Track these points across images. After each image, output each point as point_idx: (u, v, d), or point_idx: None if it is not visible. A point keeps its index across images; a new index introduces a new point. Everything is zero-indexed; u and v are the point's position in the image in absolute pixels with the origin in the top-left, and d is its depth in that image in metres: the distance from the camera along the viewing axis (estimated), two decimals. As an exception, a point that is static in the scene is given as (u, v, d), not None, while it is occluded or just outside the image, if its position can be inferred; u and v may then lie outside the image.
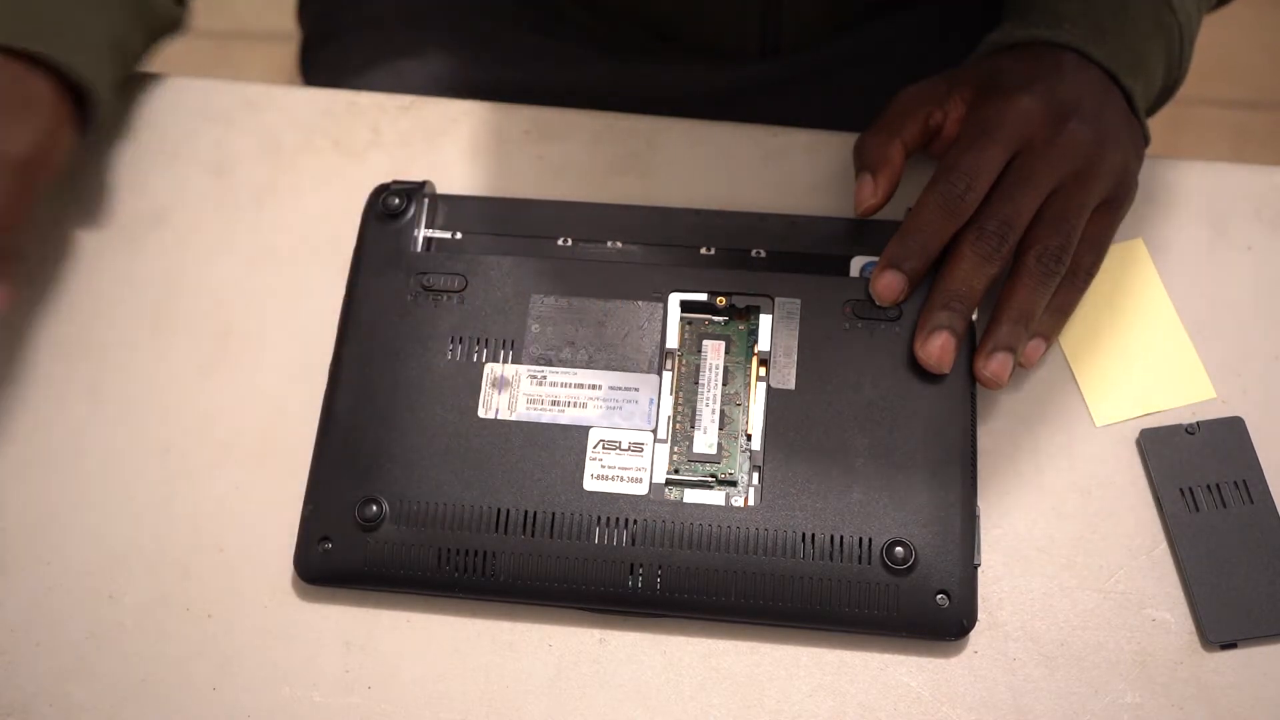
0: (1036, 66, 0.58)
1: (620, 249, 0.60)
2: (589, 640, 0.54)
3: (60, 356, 0.61)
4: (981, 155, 0.55)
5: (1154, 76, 0.60)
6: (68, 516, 0.58)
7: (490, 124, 0.66)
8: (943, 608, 0.52)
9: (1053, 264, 0.54)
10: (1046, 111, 0.56)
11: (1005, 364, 0.54)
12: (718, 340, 0.57)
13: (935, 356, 0.54)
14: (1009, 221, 0.54)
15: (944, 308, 0.54)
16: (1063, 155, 0.55)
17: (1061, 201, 0.55)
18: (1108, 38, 0.58)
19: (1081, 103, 0.56)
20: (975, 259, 0.54)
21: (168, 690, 0.54)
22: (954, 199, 0.55)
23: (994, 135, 0.55)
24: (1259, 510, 0.55)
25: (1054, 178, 0.55)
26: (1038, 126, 0.56)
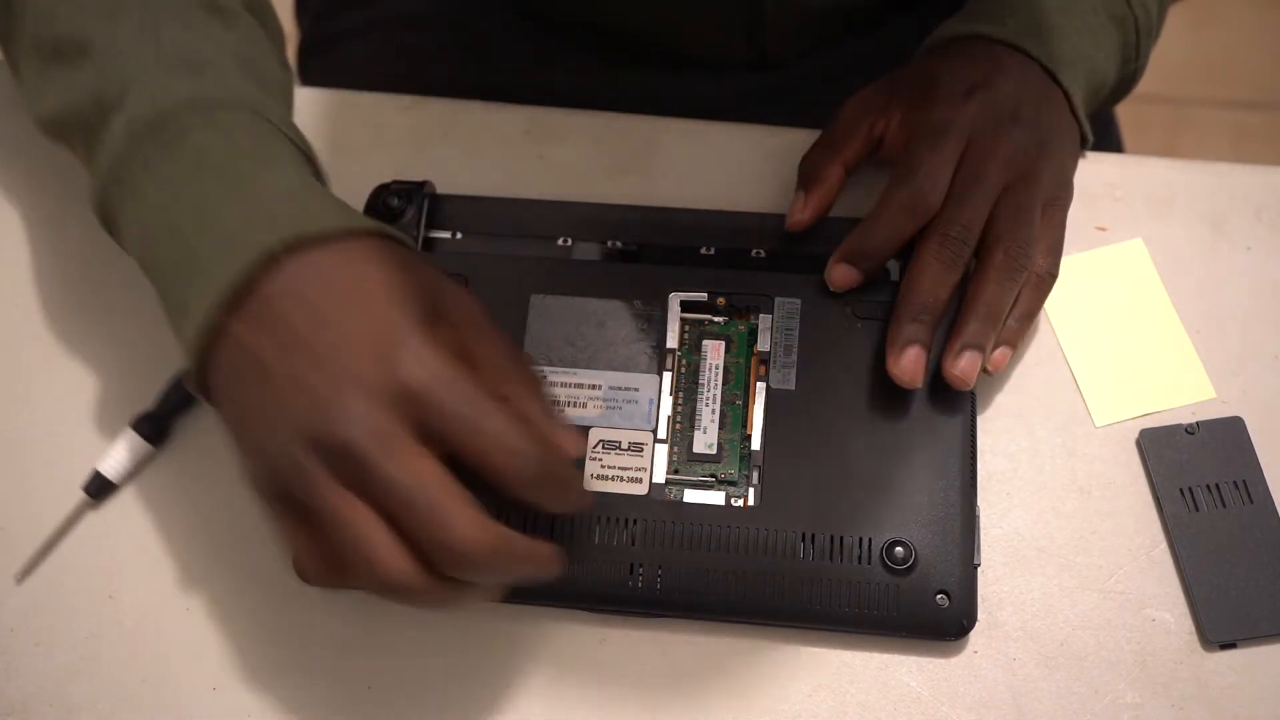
0: (977, 67, 0.58)
1: (620, 249, 0.60)
2: (589, 640, 0.54)
3: (60, 356, 0.61)
4: (938, 156, 0.55)
5: (1102, 73, 0.60)
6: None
7: (490, 124, 0.66)
8: (943, 608, 0.52)
9: (1021, 258, 0.54)
10: (988, 114, 0.56)
11: (974, 362, 0.54)
12: (718, 340, 0.57)
13: (909, 372, 0.54)
14: (969, 225, 0.54)
15: (913, 320, 0.54)
16: (1008, 158, 0.55)
17: (1014, 200, 0.55)
18: (1049, 35, 0.58)
19: (1021, 106, 0.57)
20: (940, 267, 0.54)
21: (168, 690, 0.54)
22: (918, 200, 0.55)
23: (947, 136, 0.55)
24: (1259, 510, 0.55)
25: (1002, 180, 0.55)
26: (981, 129, 0.56)
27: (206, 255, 0.47)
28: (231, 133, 0.50)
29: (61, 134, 0.54)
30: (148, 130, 0.49)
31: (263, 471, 0.45)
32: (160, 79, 0.51)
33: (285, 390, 0.44)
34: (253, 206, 0.47)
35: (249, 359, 0.45)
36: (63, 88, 0.53)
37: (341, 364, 0.43)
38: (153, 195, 0.49)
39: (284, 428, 0.43)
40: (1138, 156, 0.64)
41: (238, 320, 0.45)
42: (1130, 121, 0.89)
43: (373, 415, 0.42)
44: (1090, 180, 0.63)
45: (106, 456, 0.58)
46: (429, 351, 0.44)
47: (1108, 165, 0.64)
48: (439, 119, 0.66)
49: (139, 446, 0.58)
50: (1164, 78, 1.47)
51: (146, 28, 0.53)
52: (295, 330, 0.45)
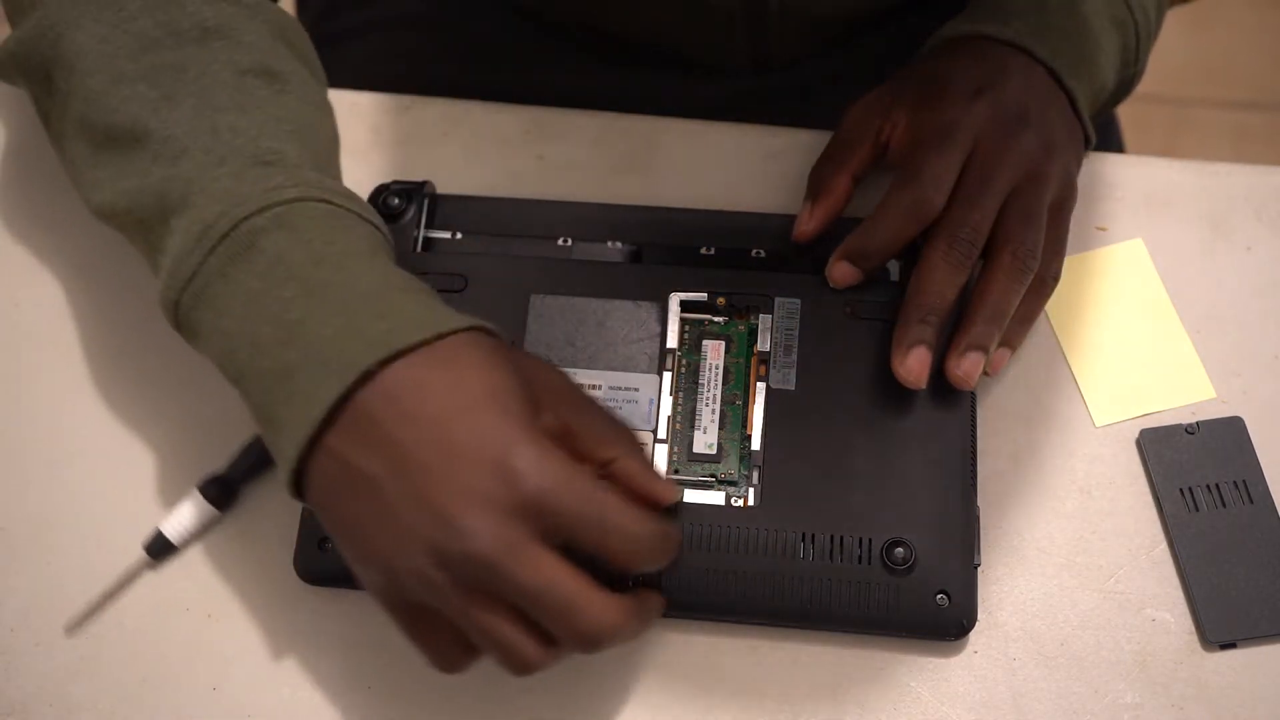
0: (982, 68, 0.57)
1: (620, 248, 0.60)
2: (589, 640, 0.54)
3: (60, 356, 0.61)
4: (944, 159, 0.55)
5: (1104, 75, 0.60)
6: (68, 516, 0.58)
7: (490, 124, 0.66)
8: (943, 608, 0.52)
9: (1029, 260, 0.54)
10: (996, 116, 0.56)
11: (977, 364, 0.54)
12: (718, 340, 0.57)
13: (915, 373, 0.53)
14: (977, 227, 0.54)
15: (921, 322, 0.54)
16: (1017, 160, 0.55)
17: (1021, 202, 0.55)
18: (1053, 36, 0.58)
19: (1028, 107, 0.56)
20: (948, 268, 0.54)
21: (168, 690, 0.54)
22: (921, 202, 0.54)
23: (954, 138, 0.55)
24: (1258, 510, 0.55)
25: (1010, 181, 0.55)
26: (988, 131, 0.55)
27: (299, 373, 0.47)
28: (305, 232, 0.49)
29: (116, 223, 0.53)
30: (219, 239, 0.49)
31: (387, 584, 0.46)
32: (224, 180, 0.50)
33: (404, 508, 0.44)
34: (342, 320, 0.47)
35: (357, 476, 0.45)
36: (116, 177, 0.52)
37: (461, 481, 0.44)
38: (234, 307, 0.49)
39: (410, 545, 0.44)
40: (1138, 157, 0.64)
41: (338, 436, 0.46)
42: (1131, 122, 0.89)
43: (499, 528, 0.44)
44: (1091, 180, 0.63)
45: (170, 518, 0.57)
46: (541, 456, 0.45)
47: (1108, 165, 0.63)
48: (439, 119, 0.66)
49: (205, 510, 0.57)
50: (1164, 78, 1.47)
51: (202, 114, 0.52)
52: (403, 447, 0.45)
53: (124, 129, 0.52)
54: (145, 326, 0.61)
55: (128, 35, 0.53)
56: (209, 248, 0.49)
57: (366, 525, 0.46)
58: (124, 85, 0.52)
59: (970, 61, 0.58)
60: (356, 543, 0.46)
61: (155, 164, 0.51)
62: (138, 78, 0.52)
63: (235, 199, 0.50)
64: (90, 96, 0.52)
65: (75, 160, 0.54)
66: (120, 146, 0.52)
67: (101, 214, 0.53)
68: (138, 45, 0.52)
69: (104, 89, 0.52)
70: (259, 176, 0.51)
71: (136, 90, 0.52)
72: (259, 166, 0.51)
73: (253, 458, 0.58)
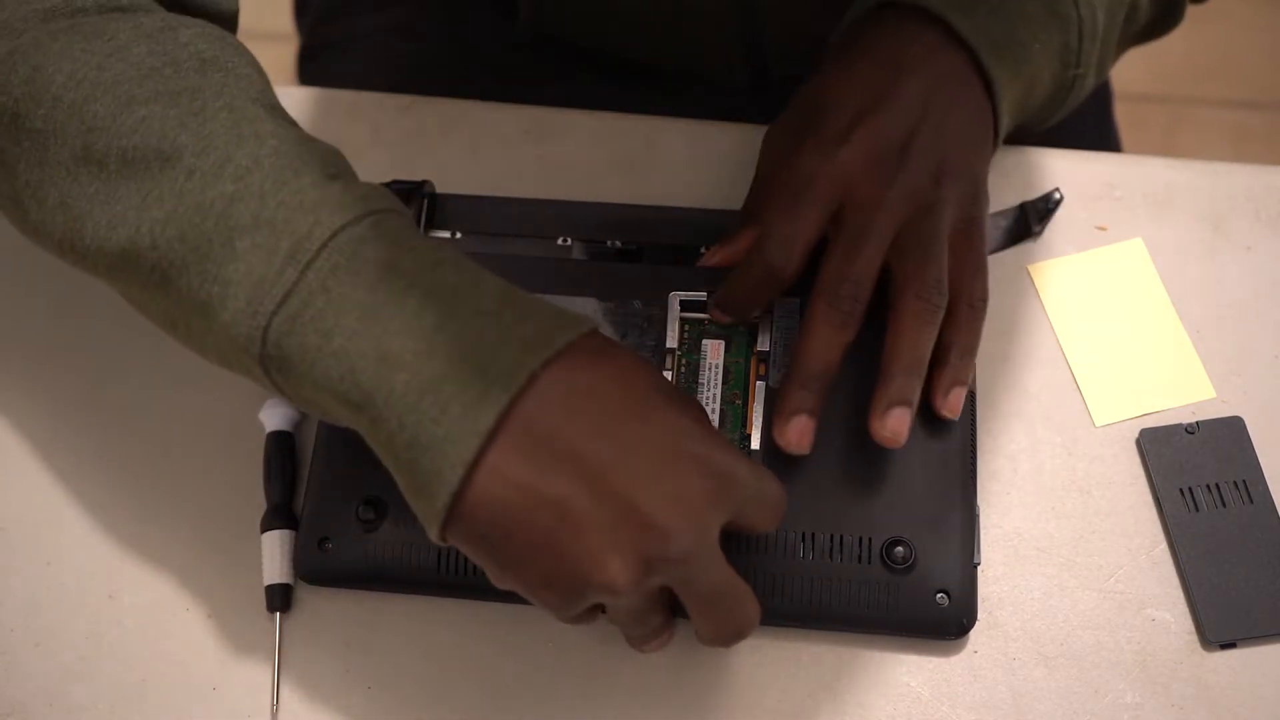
0: (874, 79, 0.54)
1: (620, 248, 0.60)
2: (589, 640, 0.54)
3: (60, 356, 0.61)
4: (792, 221, 0.52)
5: (1036, 67, 0.56)
6: (68, 516, 0.58)
7: (490, 124, 0.66)
8: (943, 607, 0.52)
9: (934, 297, 0.51)
10: (869, 158, 0.52)
11: (903, 418, 0.51)
12: (717, 340, 0.57)
13: (794, 443, 0.51)
14: (859, 281, 0.51)
15: (801, 388, 0.51)
16: (897, 202, 0.52)
17: (914, 238, 0.52)
18: (981, 9, 0.54)
19: (916, 131, 0.52)
20: (828, 330, 0.51)
21: (168, 690, 0.54)
22: (771, 271, 0.52)
23: (807, 196, 0.52)
24: (1259, 510, 0.55)
25: (893, 223, 0.52)
26: (859, 176, 0.52)
27: (448, 384, 0.43)
28: (406, 240, 0.45)
29: (141, 266, 0.46)
30: (316, 251, 0.44)
31: (578, 600, 0.44)
32: (308, 190, 0.45)
33: (602, 523, 0.42)
34: (484, 322, 0.44)
35: (538, 497, 0.43)
36: (143, 206, 0.45)
37: (658, 485, 0.43)
38: (346, 324, 0.43)
39: (613, 559, 0.43)
40: (1137, 156, 0.64)
41: (506, 453, 0.43)
42: (1129, 121, 0.89)
43: (699, 527, 0.44)
44: (1090, 180, 0.63)
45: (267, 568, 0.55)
46: (719, 444, 0.45)
47: (1107, 165, 0.64)
48: (439, 119, 0.66)
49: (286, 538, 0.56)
50: (1163, 77, 1.48)
51: (241, 125, 0.46)
52: (586, 456, 0.43)
53: (148, 149, 0.46)
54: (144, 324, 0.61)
55: (125, 63, 0.47)
56: (304, 263, 0.44)
57: (555, 549, 0.43)
58: (137, 107, 0.46)
59: (864, 68, 0.54)
60: (539, 569, 0.43)
61: (194, 180, 0.45)
62: (149, 100, 0.46)
63: (327, 208, 0.45)
64: (94, 124, 0.46)
65: (73, 203, 0.47)
66: (144, 169, 0.45)
67: (124, 258, 0.46)
68: (139, 72, 0.47)
69: (113, 112, 0.46)
70: (344, 186, 0.46)
71: (154, 110, 0.46)
72: (331, 177, 0.46)
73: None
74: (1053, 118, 0.60)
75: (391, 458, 0.44)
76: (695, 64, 0.71)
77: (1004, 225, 0.62)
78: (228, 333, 0.45)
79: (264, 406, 0.58)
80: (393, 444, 0.44)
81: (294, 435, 0.58)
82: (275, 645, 0.54)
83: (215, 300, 0.44)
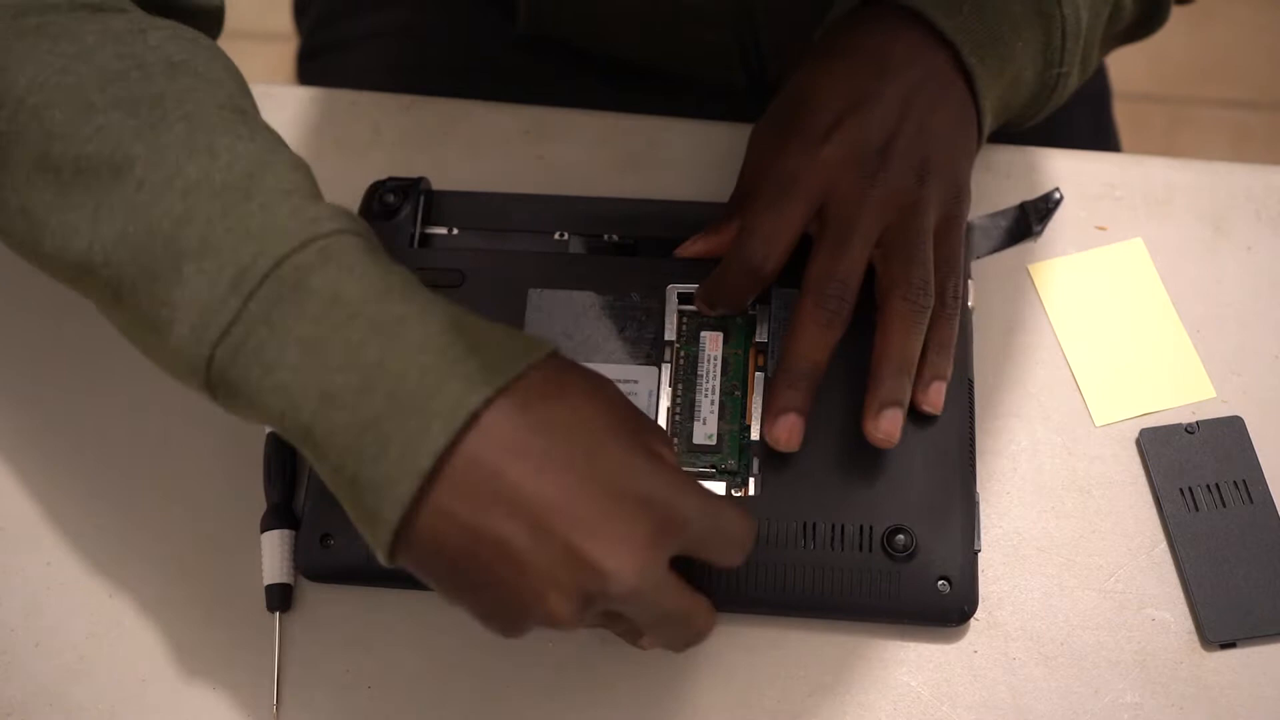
0: (856, 77, 0.54)
1: (617, 242, 0.60)
2: (589, 639, 0.54)
3: (60, 356, 0.61)
4: (777, 217, 0.52)
5: (1019, 66, 0.56)
6: (68, 516, 0.58)
7: (490, 124, 0.66)
8: (944, 594, 0.52)
9: (921, 299, 0.51)
10: (851, 156, 0.52)
11: (896, 420, 0.52)
12: (715, 331, 0.57)
13: (783, 441, 0.52)
14: (845, 279, 0.51)
15: (789, 387, 0.52)
16: (880, 200, 0.52)
17: (899, 237, 0.52)
18: (964, 7, 0.54)
19: (898, 131, 0.52)
20: (815, 329, 0.51)
21: (168, 690, 0.54)
22: (752, 266, 0.52)
23: (791, 192, 0.52)
24: (1258, 510, 0.55)
25: (877, 223, 0.52)
26: (842, 175, 0.52)
27: (388, 422, 0.42)
28: (355, 267, 0.44)
29: (94, 280, 0.46)
30: (259, 281, 0.43)
31: (519, 628, 0.45)
32: (255, 214, 0.44)
33: (543, 562, 0.42)
34: (429, 358, 0.43)
35: (479, 535, 0.42)
36: (95, 220, 0.45)
37: (602, 526, 0.43)
38: (288, 358, 0.43)
39: (553, 595, 0.43)
40: (1137, 156, 0.64)
41: (447, 492, 0.42)
42: (1129, 121, 0.89)
43: (644, 564, 0.43)
44: (1090, 180, 0.63)
45: (267, 566, 0.55)
46: (671, 481, 0.45)
47: (1107, 165, 0.64)
48: (438, 119, 0.66)
49: (286, 538, 0.56)
50: (1163, 77, 1.47)
51: (196, 137, 0.45)
52: (528, 496, 0.42)
53: (100, 158, 0.45)
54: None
55: (90, 67, 0.46)
56: (247, 293, 0.43)
57: (497, 584, 0.43)
58: (96, 115, 0.45)
59: (847, 68, 0.54)
60: (482, 601, 0.44)
61: (143, 193, 0.44)
62: (110, 107, 0.46)
63: (272, 234, 0.44)
64: (53, 130, 0.45)
65: (33, 210, 0.46)
66: (95, 180, 0.45)
67: (80, 270, 0.46)
68: (103, 77, 0.46)
69: (71, 119, 0.45)
70: (293, 208, 0.45)
71: (111, 119, 0.45)
72: (283, 196, 0.45)
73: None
74: (1037, 116, 0.60)
75: (336, 491, 0.44)
76: (694, 66, 0.71)
77: (1004, 225, 0.62)
78: (175, 356, 0.45)
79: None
80: (336, 480, 0.44)
81: (294, 435, 0.58)
82: (275, 645, 0.54)
83: (163, 322, 0.44)
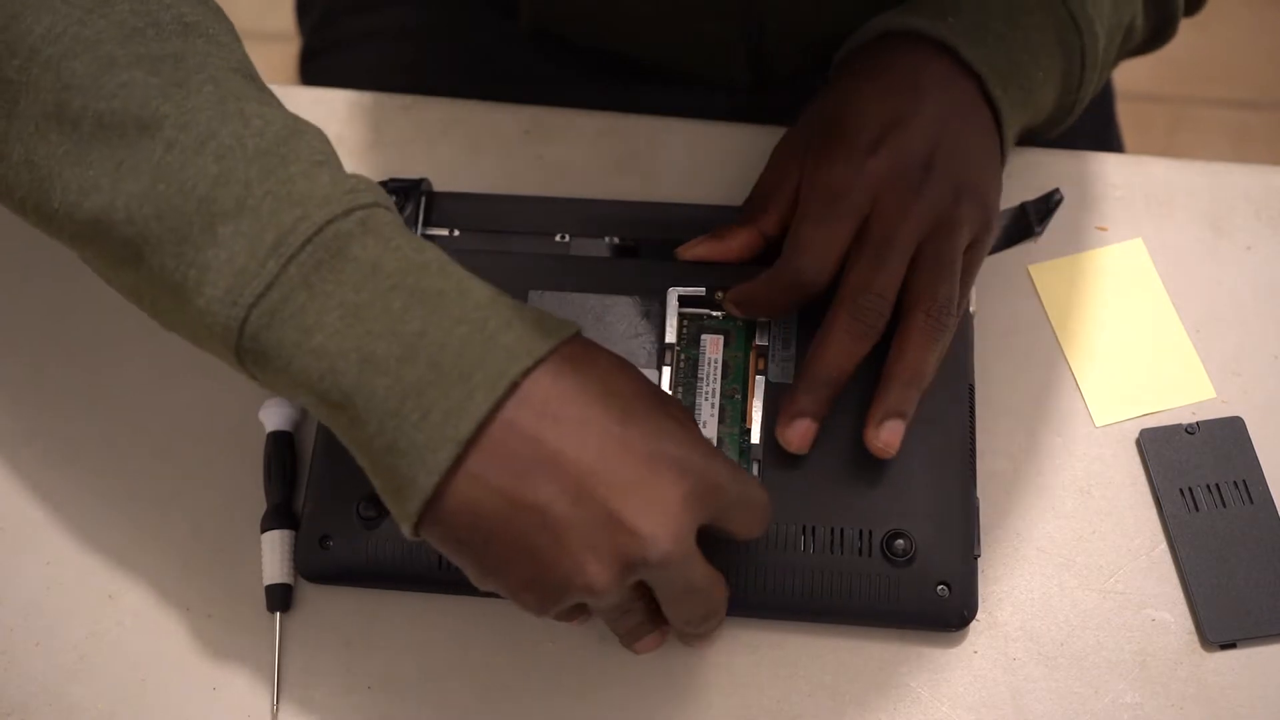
0: (892, 99, 0.54)
1: (618, 244, 0.60)
2: (588, 638, 0.54)
3: (60, 356, 0.61)
4: (828, 230, 0.52)
5: (1039, 95, 0.56)
6: (68, 516, 0.58)
7: (490, 124, 0.66)
8: (943, 598, 0.52)
9: (945, 318, 0.52)
10: (896, 169, 0.52)
11: (897, 432, 0.52)
12: (716, 335, 0.57)
13: (795, 444, 0.52)
14: (882, 293, 0.51)
15: (809, 392, 0.52)
16: (922, 215, 0.52)
17: (932, 255, 0.52)
18: (989, 40, 0.54)
19: (937, 148, 0.53)
20: (849, 339, 0.51)
21: (168, 690, 0.54)
22: (801, 280, 0.52)
23: (840, 206, 0.52)
24: (1259, 510, 0.55)
25: (916, 236, 0.52)
26: (887, 188, 0.52)
27: (431, 390, 0.43)
28: (391, 239, 0.45)
29: (112, 236, 0.44)
30: (300, 245, 0.43)
31: (555, 602, 0.45)
32: (297, 180, 0.44)
33: (583, 529, 0.43)
34: (468, 329, 0.43)
35: (517, 502, 0.43)
36: (118, 177, 0.44)
37: (640, 492, 0.43)
38: (328, 323, 0.43)
39: (593, 564, 0.43)
40: (1138, 156, 0.64)
41: (485, 459, 0.43)
42: (1130, 121, 0.89)
43: (680, 531, 0.44)
44: (1090, 180, 0.63)
45: (267, 567, 0.55)
46: (704, 449, 0.46)
47: (1108, 165, 0.63)
48: (439, 119, 0.66)
49: (286, 538, 0.56)
50: (1164, 77, 1.47)
51: (225, 101, 0.45)
52: (567, 462, 0.43)
53: (126, 115, 0.44)
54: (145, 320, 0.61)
55: (108, 21, 0.45)
56: (287, 256, 0.43)
57: (535, 553, 0.43)
58: (118, 70, 0.44)
59: (881, 88, 0.55)
60: (519, 572, 0.44)
61: (173, 154, 0.43)
62: (131, 64, 0.45)
63: (313, 200, 0.44)
64: (73, 82, 0.44)
65: (43, 163, 0.45)
66: (120, 136, 0.44)
67: (95, 228, 0.44)
68: (121, 32, 0.45)
69: (92, 73, 0.44)
70: (332, 177, 0.45)
71: (135, 76, 0.44)
72: (318, 164, 0.45)
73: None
74: (1050, 134, 0.61)
75: (368, 459, 0.45)
76: (696, 62, 0.71)
77: (1004, 225, 0.62)
78: (202, 319, 0.44)
79: (264, 406, 0.58)
80: (370, 446, 0.44)
81: (294, 435, 0.58)
82: (275, 645, 0.54)
83: (191, 284, 0.43)
